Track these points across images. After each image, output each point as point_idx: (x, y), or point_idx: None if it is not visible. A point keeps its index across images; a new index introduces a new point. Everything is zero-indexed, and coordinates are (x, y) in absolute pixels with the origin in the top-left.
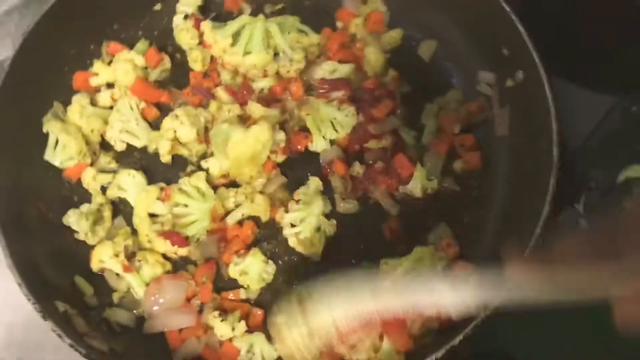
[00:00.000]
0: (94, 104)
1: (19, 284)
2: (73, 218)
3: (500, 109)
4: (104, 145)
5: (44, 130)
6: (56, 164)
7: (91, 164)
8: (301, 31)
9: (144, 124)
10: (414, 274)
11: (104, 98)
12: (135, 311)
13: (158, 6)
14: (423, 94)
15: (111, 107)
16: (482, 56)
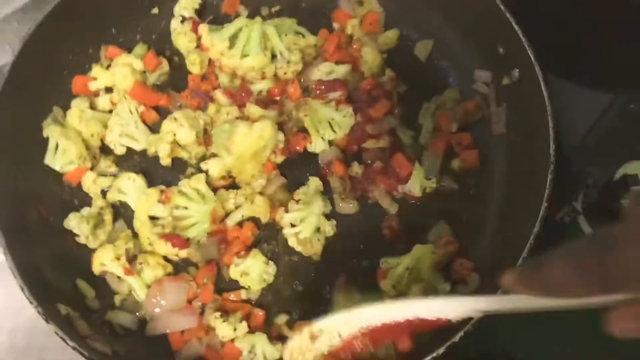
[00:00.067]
0: (93, 108)
1: (21, 288)
2: (74, 222)
3: (497, 108)
4: (103, 149)
5: (43, 135)
6: (56, 168)
7: (91, 168)
8: (298, 33)
9: (143, 127)
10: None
11: (103, 102)
12: (137, 313)
13: (155, 10)
14: (420, 94)
15: (110, 111)
16: (478, 55)
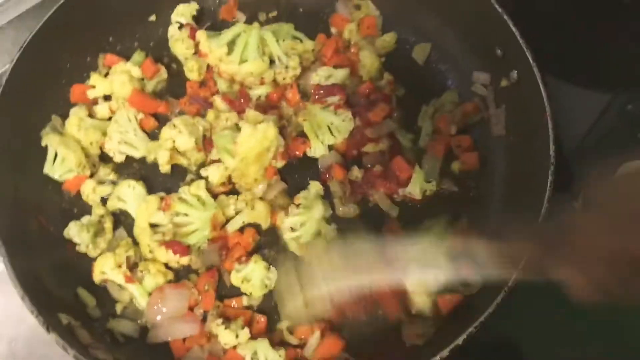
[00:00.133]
0: (91, 116)
1: (22, 297)
2: (74, 230)
3: (496, 109)
4: (103, 157)
5: (42, 144)
6: (56, 177)
7: (91, 176)
8: (296, 38)
9: (142, 134)
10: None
11: (101, 110)
12: (139, 321)
13: (153, 17)
14: (418, 97)
15: (109, 119)
16: (476, 57)
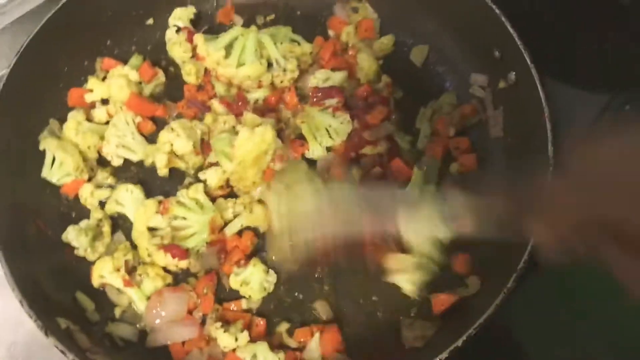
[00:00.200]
0: (89, 120)
1: (20, 302)
2: (72, 234)
3: (494, 111)
4: (100, 160)
5: (40, 148)
6: (53, 181)
7: (88, 180)
8: (293, 41)
9: (140, 138)
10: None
11: (99, 114)
12: (138, 325)
13: (150, 21)
14: (416, 99)
15: (107, 123)
16: (473, 59)
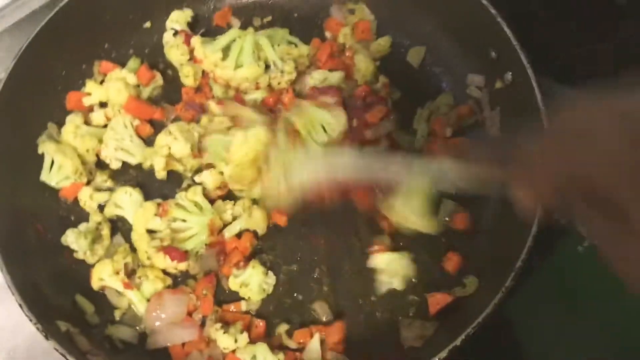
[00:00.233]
0: (88, 123)
1: (20, 305)
2: (71, 237)
3: (490, 111)
4: (99, 164)
5: (39, 152)
6: (52, 184)
7: (87, 183)
8: (290, 43)
9: (138, 141)
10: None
11: (97, 117)
12: (138, 327)
13: (148, 24)
14: (414, 100)
15: (105, 126)
16: (470, 60)
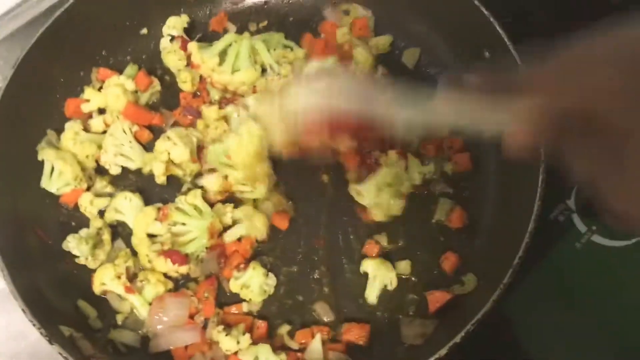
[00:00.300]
0: (87, 130)
1: (23, 310)
2: (73, 243)
3: None
4: (99, 169)
5: (39, 159)
6: (53, 190)
7: (87, 189)
8: (286, 46)
9: (138, 146)
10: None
11: (96, 123)
12: (140, 331)
13: (144, 30)
14: None
15: (104, 132)
16: (464, 60)
